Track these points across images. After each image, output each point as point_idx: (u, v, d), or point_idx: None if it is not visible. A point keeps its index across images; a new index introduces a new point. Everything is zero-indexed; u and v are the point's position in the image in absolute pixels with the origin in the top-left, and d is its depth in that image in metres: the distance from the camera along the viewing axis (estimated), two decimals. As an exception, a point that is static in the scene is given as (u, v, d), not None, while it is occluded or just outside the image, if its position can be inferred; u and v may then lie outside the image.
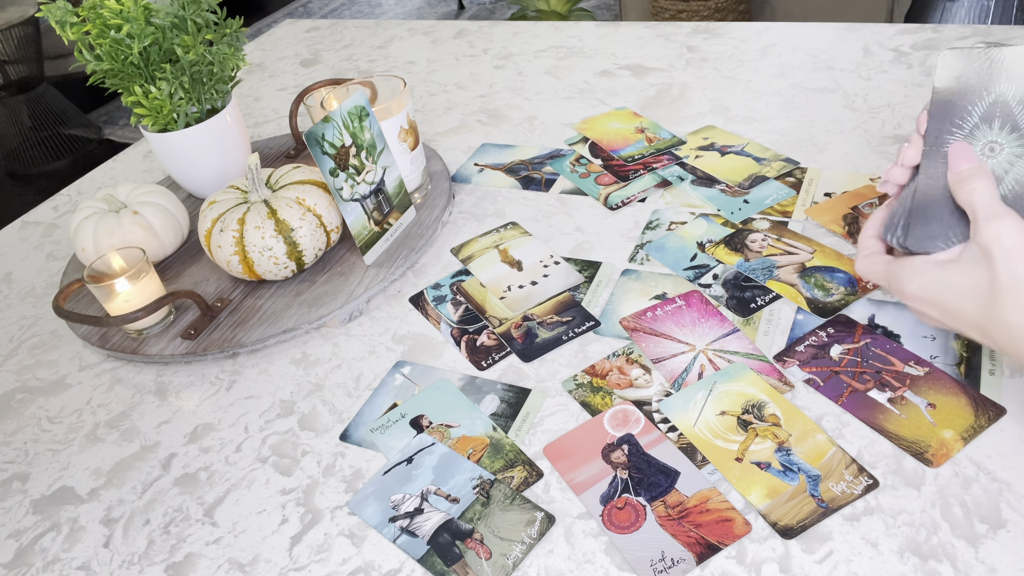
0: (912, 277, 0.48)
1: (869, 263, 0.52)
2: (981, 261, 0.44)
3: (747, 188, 0.77)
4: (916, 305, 0.48)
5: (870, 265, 0.52)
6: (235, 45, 0.83)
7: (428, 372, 0.64)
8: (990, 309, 0.44)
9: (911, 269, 0.48)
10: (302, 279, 0.74)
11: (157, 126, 0.81)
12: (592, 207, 0.80)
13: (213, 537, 0.54)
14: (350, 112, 0.71)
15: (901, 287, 0.48)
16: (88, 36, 0.77)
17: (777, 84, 0.96)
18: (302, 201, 0.71)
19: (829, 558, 0.46)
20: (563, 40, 1.19)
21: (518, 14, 2.96)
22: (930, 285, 0.47)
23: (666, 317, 0.64)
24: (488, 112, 1.02)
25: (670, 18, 2.66)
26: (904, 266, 0.48)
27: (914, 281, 0.47)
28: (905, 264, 0.49)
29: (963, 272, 0.45)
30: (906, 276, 0.48)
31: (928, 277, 0.47)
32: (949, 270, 0.46)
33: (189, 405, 0.66)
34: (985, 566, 0.44)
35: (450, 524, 0.51)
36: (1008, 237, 0.43)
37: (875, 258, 0.51)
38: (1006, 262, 0.43)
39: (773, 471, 0.51)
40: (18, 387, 0.71)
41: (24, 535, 0.57)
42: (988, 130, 0.48)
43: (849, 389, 0.55)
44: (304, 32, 1.42)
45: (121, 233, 0.75)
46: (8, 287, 0.86)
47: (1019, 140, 0.48)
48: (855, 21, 1.47)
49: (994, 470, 0.49)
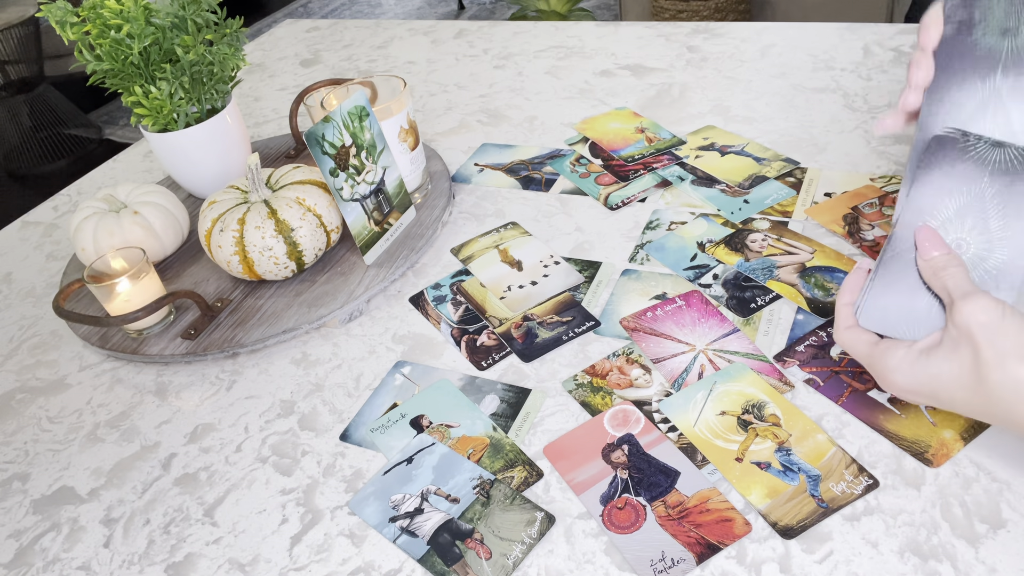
0: (897, 368, 0.47)
1: (852, 338, 0.50)
2: (961, 343, 0.43)
3: (747, 188, 0.77)
4: (902, 396, 0.47)
5: (853, 341, 0.50)
6: (235, 45, 0.83)
7: (428, 372, 0.64)
8: (980, 390, 0.43)
9: (895, 360, 0.47)
10: (302, 279, 0.74)
11: (157, 126, 0.81)
12: (592, 207, 0.80)
13: (213, 537, 0.54)
14: (350, 112, 0.71)
15: (885, 377, 0.47)
16: (88, 36, 0.77)
17: (777, 84, 0.96)
18: (302, 201, 0.71)
19: (829, 558, 0.46)
20: (563, 40, 1.19)
21: (518, 14, 2.96)
22: (918, 376, 0.46)
23: (666, 317, 0.64)
24: (488, 112, 1.02)
25: (670, 18, 2.66)
26: (888, 356, 0.47)
27: (900, 374, 0.46)
28: (888, 353, 0.47)
29: (946, 358, 0.44)
30: (890, 367, 0.47)
31: (916, 369, 0.46)
32: (935, 358, 0.45)
33: (189, 405, 0.66)
34: (985, 566, 0.44)
35: (450, 524, 0.52)
36: (984, 313, 0.43)
37: (856, 334, 0.50)
38: (987, 337, 0.42)
39: (773, 471, 0.51)
40: (18, 387, 0.71)
41: (24, 535, 0.57)
42: (960, 226, 0.48)
43: (849, 389, 0.55)
44: (304, 32, 1.42)
45: (121, 233, 0.75)
46: (8, 287, 0.86)
47: (986, 242, 0.47)
48: (855, 21, 1.47)
49: (994, 470, 0.49)
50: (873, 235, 0.69)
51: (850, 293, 0.52)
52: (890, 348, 0.47)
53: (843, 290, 0.52)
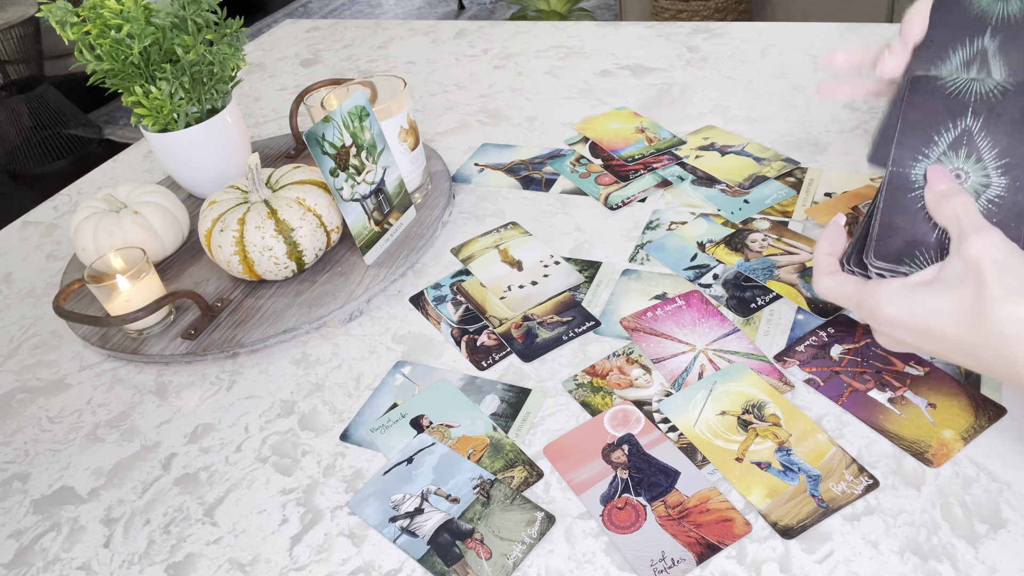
0: (889, 301, 0.45)
1: (835, 283, 0.48)
2: (966, 278, 0.42)
3: (747, 188, 0.77)
4: (892, 331, 0.45)
5: (836, 285, 0.48)
6: (235, 45, 0.83)
7: (428, 372, 0.64)
8: (978, 327, 0.41)
9: (888, 292, 0.45)
10: (302, 279, 0.74)
11: (157, 126, 0.81)
12: (592, 207, 0.80)
13: (213, 537, 0.54)
14: (350, 112, 0.71)
15: (875, 311, 0.45)
16: (88, 36, 0.77)
17: (777, 84, 0.96)
18: (302, 201, 0.71)
19: (829, 558, 0.46)
20: (563, 40, 1.19)
21: (518, 14, 2.96)
22: (912, 308, 0.44)
23: (666, 317, 0.64)
24: (488, 112, 1.02)
25: (670, 18, 2.66)
26: (879, 289, 0.45)
27: (892, 305, 0.44)
28: (880, 287, 0.45)
29: (946, 291, 0.43)
30: (882, 300, 0.45)
31: (909, 302, 0.44)
32: (930, 292, 0.43)
33: (189, 405, 0.66)
34: (985, 566, 0.44)
35: (450, 524, 0.52)
36: (997, 249, 0.42)
37: (841, 277, 0.48)
38: (995, 274, 0.41)
39: (773, 471, 0.51)
40: (18, 387, 0.71)
41: (24, 535, 0.57)
42: (955, 158, 0.49)
43: (849, 389, 0.55)
44: (304, 32, 1.42)
45: (121, 233, 0.75)
46: (8, 287, 0.86)
47: (983, 170, 0.49)
48: (855, 21, 1.47)
49: (994, 470, 0.49)
50: (873, 235, 0.68)
51: (828, 243, 0.51)
52: (882, 283, 0.46)
53: (821, 241, 0.51)
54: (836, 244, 0.51)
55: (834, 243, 0.51)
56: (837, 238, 0.51)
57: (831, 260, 0.50)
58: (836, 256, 0.51)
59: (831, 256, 0.51)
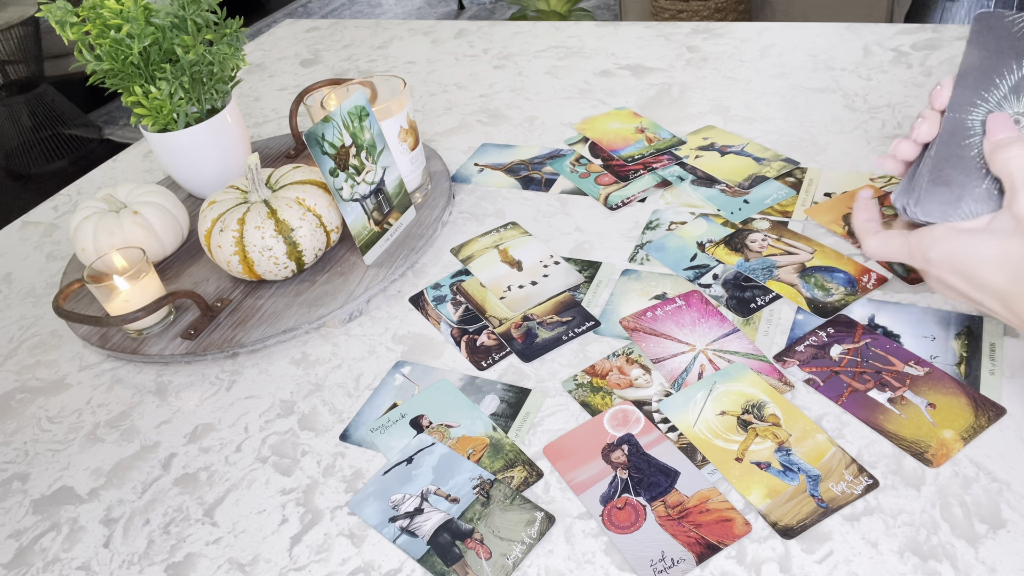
0: (935, 244, 0.46)
1: (881, 240, 0.50)
2: (1015, 233, 0.43)
3: (747, 188, 0.77)
4: (939, 273, 0.47)
5: (883, 242, 0.50)
6: (235, 45, 0.83)
7: (428, 372, 0.64)
8: (1019, 281, 0.42)
9: (933, 238, 0.46)
10: (302, 279, 0.74)
11: (157, 126, 0.81)
12: (592, 207, 0.80)
13: (213, 537, 0.54)
14: (350, 112, 0.71)
15: (925, 254, 0.47)
16: (88, 36, 0.77)
17: (777, 84, 0.96)
18: (302, 201, 0.71)
19: (829, 558, 0.46)
20: (563, 40, 1.19)
21: (518, 14, 2.96)
22: (955, 254, 0.45)
23: (666, 317, 0.64)
24: (488, 112, 1.02)
25: (670, 18, 2.66)
26: (926, 234, 0.47)
27: (938, 248, 0.46)
28: (927, 232, 0.47)
29: (993, 242, 0.44)
30: (929, 244, 0.46)
31: (954, 245, 0.45)
32: (978, 239, 0.44)
33: (189, 405, 0.66)
34: (985, 566, 0.44)
35: (450, 524, 0.52)
36: None
37: (885, 235, 0.50)
38: None
39: (773, 471, 0.51)
40: (18, 387, 0.71)
41: (24, 535, 0.57)
42: (1016, 102, 0.47)
43: (849, 389, 0.55)
44: (304, 32, 1.42)
45: (121, 233, 0.75)
46: (8, 287, 0.86)
47: None
48: (855, 21, 1.47)
49: (994, 470, 0.49)
50: (873, 235, 0.69)
51: (864, 211, 0.52)
52: (928, 228, 0.47)
53: (856, 212, 0.53)
54: (871, 211, 0.52)
55: (869, 210, 0.52)
56: (870, 206, 0.52)
57: (872, 224, 0.52)
58: (875, 220, 0.52)
59: (870, 221, 0.52)
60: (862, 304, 0.62)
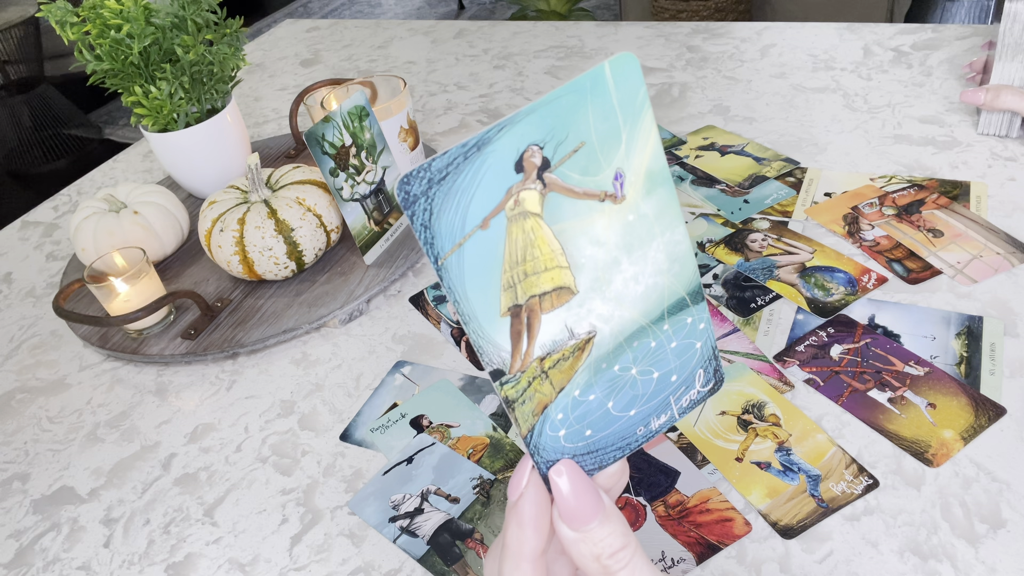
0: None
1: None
2: None
3: (747, 188, 0.77)
4: None
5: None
6: (235, 45, 0.83)
7: (428, 372, 0.64)
8: None
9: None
10: (302, 279, 0.74)
11: (157, 126, 0.81)
12: (592, 207, 0.80)
13: (213, 537, 0.54)
14: (350, 112, 0.71)
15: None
16: (88, 36, 0.77)
17: (777, 84, 0.96)
18: (302, 201, 0.71)
19: (829, 558, 0.46)
20: (563, 40, 1.19)
21: (518, 14, 2.96)
22: None
23: (666, 317, 0.64)
24: (488, 112, 1.02)
25: (670, 18, 2.66)
26: None
27: None
28: None
29: None
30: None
31: None
32: None
33: (189, 405, 0.66)
34: (985, 566, 0.44)
35: (450, 524, 0.52)
36: None
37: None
38: None
39: (773, 471, 0.51)
40: (18, 387, 0.71)
41: (24, 535, 0.57)
42: None
43: (849, 389, 0.55)
44: (304, 32, 1.42)
45: (121, 233, 0.75)
46: (8, 287, 0.86)
47: None
48: (855, 21, 1.47)
49: (994, 470, 0.49)
50: (873, 235, 0.68)
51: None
52: None
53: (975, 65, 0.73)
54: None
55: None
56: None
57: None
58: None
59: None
60: (862, 304, 0.62)
